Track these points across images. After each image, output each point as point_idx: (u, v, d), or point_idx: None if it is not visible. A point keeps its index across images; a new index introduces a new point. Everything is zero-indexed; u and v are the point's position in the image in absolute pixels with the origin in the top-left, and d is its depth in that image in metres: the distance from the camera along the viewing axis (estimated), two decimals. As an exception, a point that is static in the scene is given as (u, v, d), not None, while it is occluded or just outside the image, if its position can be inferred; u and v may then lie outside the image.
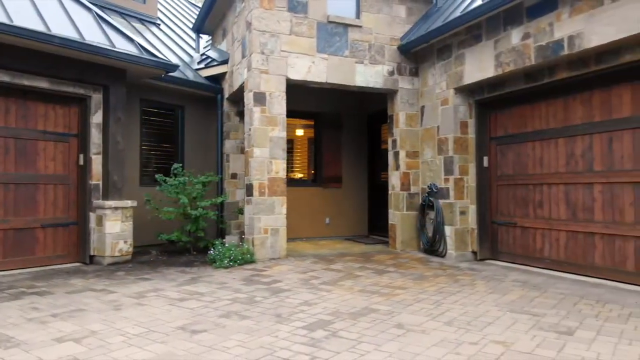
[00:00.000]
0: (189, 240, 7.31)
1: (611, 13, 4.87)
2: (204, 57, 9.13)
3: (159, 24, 10.37)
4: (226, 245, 6.64)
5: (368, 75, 7.52)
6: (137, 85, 7.66)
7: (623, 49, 5.01)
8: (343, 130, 9.75)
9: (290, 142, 9.81)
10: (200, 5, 11.90)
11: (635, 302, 4.49)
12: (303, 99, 9.09)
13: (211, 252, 6.62)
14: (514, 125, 6.73)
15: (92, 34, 6.43)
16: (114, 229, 6.68)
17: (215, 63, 8.54)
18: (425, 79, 7.77)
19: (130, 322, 3.88)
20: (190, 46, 10.13)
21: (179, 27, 11.12)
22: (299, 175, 9.70)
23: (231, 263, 6.33)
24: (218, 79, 8.76)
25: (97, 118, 6.86)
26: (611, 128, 5.44)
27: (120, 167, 6.95)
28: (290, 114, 9.07)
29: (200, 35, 10.24)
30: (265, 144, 6.84)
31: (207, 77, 8.69)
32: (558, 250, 6.07)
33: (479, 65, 6.59)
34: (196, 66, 8.83)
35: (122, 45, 6.60)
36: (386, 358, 3.08)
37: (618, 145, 5.39)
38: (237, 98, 8.19)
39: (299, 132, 9.89)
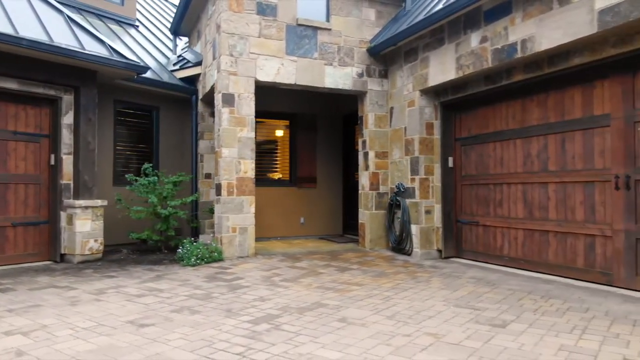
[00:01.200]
0: (160, 239, 7.43)
1: (558, 18, 5.04)
2: (180, 58, 9.24)
3: (138, 26, 10.47)
4: (194, 243, 6.75)
5: (337, 77, 7.67)
6: (111, 86, 7.77)
7: (572, 53, 5.18)
8: (318, 131, 9.89)
9: (273, 143, 9.96)
10: (179, 7, 11.99)
11: (579, 297, 4.65)
12: (278, 100, 9.26)
13: (180, 250, 6.74)
14: (477, 126, 6.89)
15: (62, 36, 6.54)
16: (84, 227, 6.78)
17: (189, 64, 8.67)
18: (394, 81, 7.93)
19: (83, 316, 3.99)
20: (168, 48, 10.25)
21: (158, 28, 11.23)
22: (278, 176, 9.82)
23: (198, 261, 6.45)
24: (193, 80, 8.88)
25: (68, 119, 6.96)
26: (564, 129, 5.61)
27: (91, 167, 7.05)
28: (265, 115, 9.28)
29: (180, 37, 10.36)
30: (234, 144, 6.97)
31: (182, 79, 8.81)
32: (516, 248, 6.23)
33: (442, 67, 6.75)
34: (172, 67, 8.95)
35: (92, 47, 6.71)
36: (318, 349, 3.22)
37: (570, 146, 5.55)
38: (210, 99, 8.32)
39: (279, 133, 10.02)
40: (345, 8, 7.77)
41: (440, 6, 6.47)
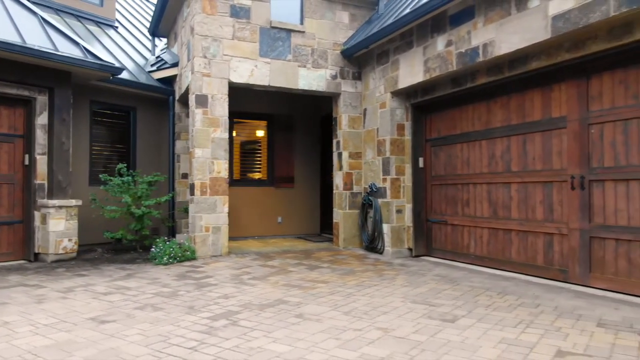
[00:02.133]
0: (135, 238, 7.50)
1: (516, 23, 5.21)
2: (158, 59, 9.31)
3: (117, 27, 10.52)
4: (167, 243, 6.84)
5: (311, 78, 7.80)
6: (87, 87, 7.83)
7: (530, 57, 5.34)
8: (296, 132, 10.01)
9: (251, 143, 10.05)
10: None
11: (533, 293, 4.81)
12: (257, 101, 9.38)
13: (153, 249, 6.82)
14: (446, 128, 7.05)
15: (35, 38, 6.59)
16: (57, 227, 6.84)
17: (166, 66, 8.74)
18: (367, 82, 8.07)
19: (47, 314, 4.07)
20: (148, 49, 10.30)
21: (138, 29, 11.27)
22: (256, 176, 9.92)
23: (171, 260, 6.54)
24: (171, 81, 8.96)
25: (42, 119, 7.01)
26: (525, 131, 5.78)
27: (65, 167, 7.11)
28: (244, 115, 9.40)
29: (160, 38, 10.42)
30: (207, 144, 7.07)
31: (160, 80, 8.89)
32: (482, 247, 6.40)
33: (411, 70, 6.91)
34: (149, 68, 9.01)
35: (65, 49, 6.77)
36: (269, 343, 3.33)
37: (531, 147, 5.73)
38: (186, 100, 8.40)
39: (257, 133, 10.12)
40: (319, 11, 7.90)
41: (408, 10, 6.62)
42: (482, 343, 3.31)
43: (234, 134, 9.84)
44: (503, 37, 5.37)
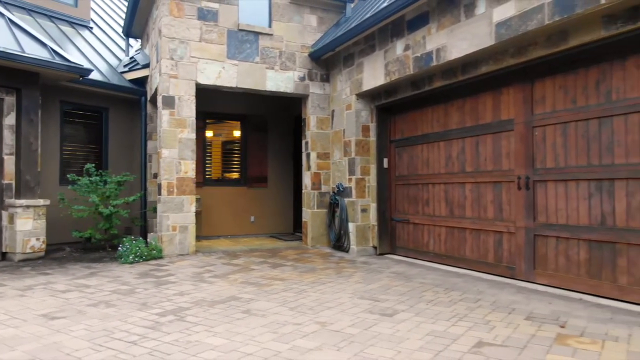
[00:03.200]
0: (104, 237, 7.61)
1: (465, 29, 5.40)
2: (131, 60, 9.41)
3: (92, 27, 10.58)
4: (134, 242, 6.96)
5: (279, 80, 7.95)
6: (57, 87, 7.92)
7: (479, 62, 5.54)
8: (269, 133, 10.16)
9: (225, 144, 10.18)
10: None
11: (478, 289, 5.01)
12: (231, 102, 9.51)
13: (120, 248, 6.94)
14: (408, 129, 7.24)
15: (2, 39, 6.67)
16: (25, 226, 6.93)
17: (138, 67, 8.85)
18: (334, 84, 8.24)
19: None
20: (122, 50, 10.38)
21: (114, 30, 11.34)
22: (229, 176, 10.05)
23: (137, 259, 6.66)
24: (143, 82, 9.06)
25: (10, 120, 7.09)
26: (478, 132, 5.98)
27: (33, 167, 7.19)
28: (217, 116, 9.53)
29: (137, 39, 10.50)
30: (174, 145, 7.19)
31: (133, 80, 8.99)
32: (440, 245, 6.60)
33: (374, 73, 7.09)
34: (122, 69, 9.11)
35: (32, 50, 6.86)
36: (209, 336, 3.49)
37: (483, 149, 5.93)
38: (156, 100, 8.50)
39: (231, 134, 10.25)
40: (287, 14, 8.05)
41: (369, 14, 6.79)
42: (411, 335, 3.49)
43: (212, 134, 9.98)
44: (454, 42, 5.57)
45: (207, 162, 9.74)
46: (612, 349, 3.16)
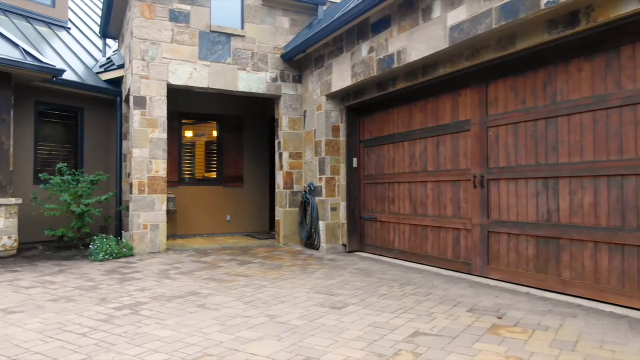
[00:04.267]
0: (76, 235, 7.69)
1: (423, 32, 5.57)
2: (108, 60, 9.49)
3: (69, 28, 10.64)
4: (105, 240, 7.05)
5: (251, 81, 8.08)
6: (31, 87, 7.99)
7: (438, 64, 5.71)
8: (245, 132, 10.28)
9: (202, 144, 10.29)
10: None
11: (433, 284, 5.17)
12: (207, 102, 9.62)
13: (91, 246, 7.03)
14: (376, 130, 7.40)
15: (-28, 39, 6.75)
16: (-4, 225, 7.00)
17: (114, 67, 8.93)
18: (306, 85, 8.39)
19: (-40, 306, 4.29)
20: (100, 50, 10.45)
21: (92, 30, 11.41)
22: (205, 175, 10.16)
23: (107, 256, 6.75)
24: (119, 82, 9.14)
25: (-19, 119, 7.16)
26: (438, 133, 6.15)
27: (5, 167, 7.26)
28: (194, 116, 9.64)
29: (115, 39, 10.58)
30: (145, 144, 7.30)
31: (109, 81, 9.07)
32: (404, 242, 6.76)
33: (342, 74, 7.24)
34: (98, 70, 9.19)
35: (3, 51, 6.93)
36: (158, 329, 3.61)
37: (443, 148, 6.10)
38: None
39: (207, 134, 10.36)
40: (259, 16, 8.19)
41: (337, 16, 6.95)
42: (352, 326, 3.63)
43: (189, 134, 10.08)
44: (413, 45, 5.73)
45: (186, 161, 9.83)
46: (538, 338, 3.33)
